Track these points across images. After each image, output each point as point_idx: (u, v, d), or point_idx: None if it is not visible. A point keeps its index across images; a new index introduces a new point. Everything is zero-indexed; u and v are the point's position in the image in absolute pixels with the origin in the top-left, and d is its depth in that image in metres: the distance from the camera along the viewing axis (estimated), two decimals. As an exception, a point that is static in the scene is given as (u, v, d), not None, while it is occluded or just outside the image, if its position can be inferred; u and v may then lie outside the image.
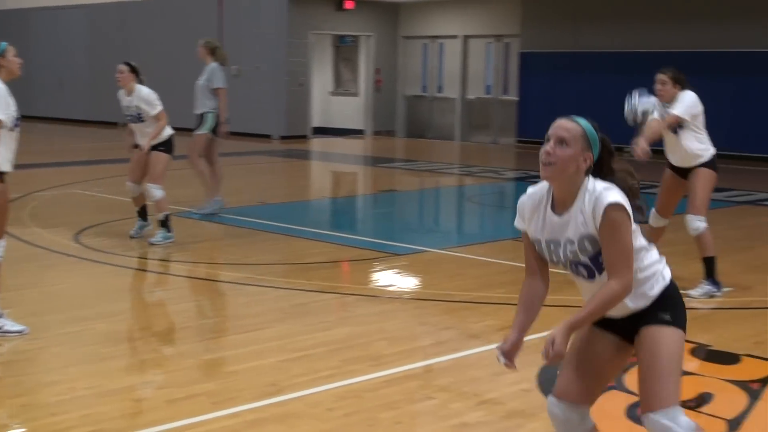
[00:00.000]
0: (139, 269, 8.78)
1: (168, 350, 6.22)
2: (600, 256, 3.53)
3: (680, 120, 7.84)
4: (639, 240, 3.61)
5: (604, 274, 3.54)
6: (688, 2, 19.07)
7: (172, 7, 24.47)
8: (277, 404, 5.18)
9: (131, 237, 9.70)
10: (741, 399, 5.30)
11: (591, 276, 3.61)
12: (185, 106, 25.11)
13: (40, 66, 27.22)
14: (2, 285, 6.51)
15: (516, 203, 3.81)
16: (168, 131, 9.61)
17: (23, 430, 4.89)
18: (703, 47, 18.88)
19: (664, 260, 3.74)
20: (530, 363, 5.90)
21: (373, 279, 8.61)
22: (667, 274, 3.70)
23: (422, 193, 15.56)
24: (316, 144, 22.48)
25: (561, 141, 3.54)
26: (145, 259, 9.07)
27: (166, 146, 9.56)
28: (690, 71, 18.20)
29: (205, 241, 10.05)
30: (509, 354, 3.76)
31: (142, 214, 9.77)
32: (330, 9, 22.97)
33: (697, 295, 7.68)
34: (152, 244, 9.37)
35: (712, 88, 18.83)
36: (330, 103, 25.46)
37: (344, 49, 25.16)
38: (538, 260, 3.75)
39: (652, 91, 8.13)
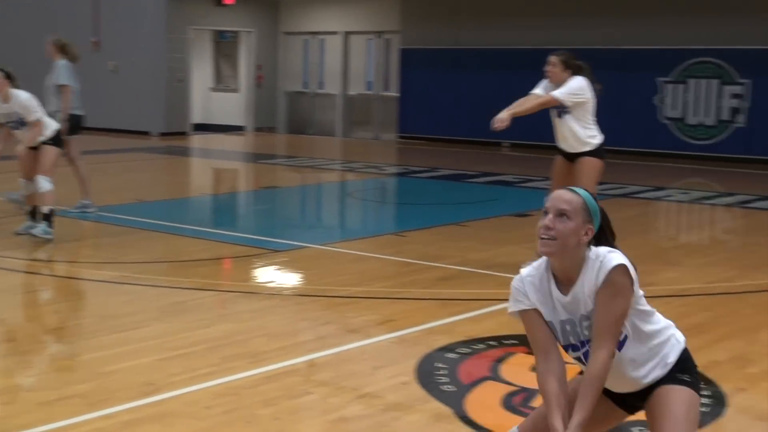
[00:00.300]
0: (13, 270, 8.55)
1: (41, 352, 6.08)
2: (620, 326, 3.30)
3: (557, 101, 7.99)
4: (646, 304, 3.40)
5: (624, 348, 3.34)
6: (559, 3, 19.47)
7: (44, 1, 23.88)
8: (153, 404, 5.11)
9: (17, 233, 9.48)
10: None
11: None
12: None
13: None
14: None
15: (397, 197, 3.83)
16: (54, 125, 9.43)
17: None
18: (582, 44, 19.26)
19: (673, 324, 3.50)
20: (409, 356, 5.98)
21: (253, 276, 8.58)
22: (681, 337, 3.46)
23: (304, 189, 15.56)
24: (197, 140, 22.27)
25: (561, 214, 3.30)
26: (19, 259, 8.83)
27: (54, 140, 9.39)
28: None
29: (81, 239, 9.88)
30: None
31: (33, 214, 9.50)
32: (209, 4, 22.77)
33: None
34: (33, 235, 9.21)
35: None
36: (210, 99, 25.22)
37: (224, 45, 24.96)
38: (548, 337, 3.40)
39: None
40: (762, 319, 7.02)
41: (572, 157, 8.27)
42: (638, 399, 3.44)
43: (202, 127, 24.07)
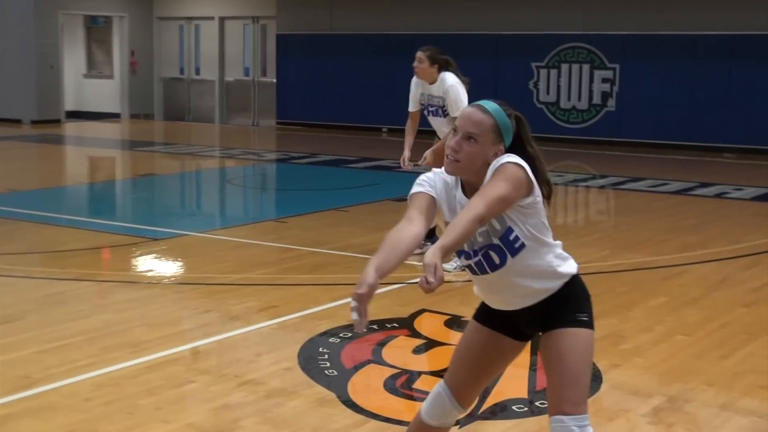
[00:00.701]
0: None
1: None
2: (511, 233, 3.29)
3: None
4: (544, 217, 3.36)
5: (518, 256, 3.31)
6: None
7: None
8: (30, 397, 5.01)
9: None
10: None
11: (503, 261, 3.32)
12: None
13: None
14: None
15: (277, 184, 3.89)
16: None
17: None
18: (456, 30, 19.51)
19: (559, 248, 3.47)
20: (291, 342, 6.00)
21: (132, 265, 8.45)
22: (575, 264, 3.48)
23: (182, 176, 15.38)
24: (70, 128, 21.75)
25: (469, 136, 3.26)
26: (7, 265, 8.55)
27: None
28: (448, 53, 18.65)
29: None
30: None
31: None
32: (79, -11, 22.32)
33: (451, 268, 7.90)
34: None
35: (467, 69, 19.59)
36: (84, 85, 24.69)
37: (97, 30, 24.45)
38: (422, 215, 3.33)
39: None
40: (634, 297, 7.26)
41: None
42: (532, 326, 3.47)
43: (76, 115, 23.59)
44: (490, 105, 3.32)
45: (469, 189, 3.32)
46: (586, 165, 15.97)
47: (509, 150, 3.30)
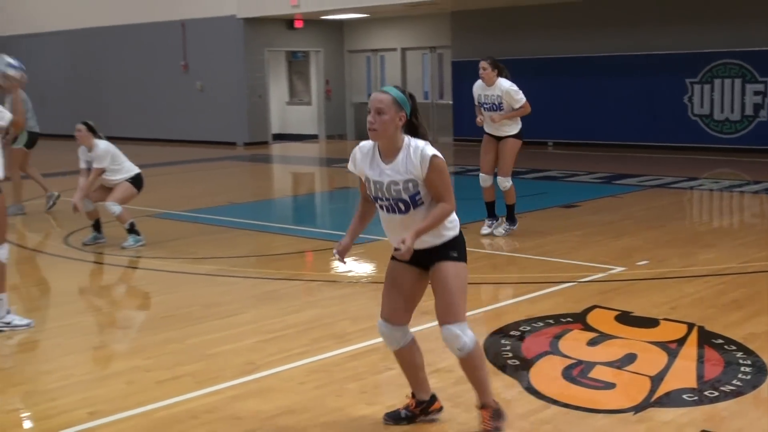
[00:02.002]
0: (122, 266, 8.69)
1: (154, 337, 6.14)
2: (417, 195, 4.08)
3: (528, 109, 9.42)
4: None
5: (417, 210, 4.10)
6: (596, 13, 19.25)
7: (141, 31, 24.20)
8: (254, 381, 5.16)
9: (85, 244, 9.44)
10: (662, 358, 5.37)
11: (407, 210, 4.12)
12: (155, 118, 24.97)
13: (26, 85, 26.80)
14: (6, 284, 6.40)
15: (455, 193, 3.99)
16: (135, 170, 9.45)
17: (26, 414, 4.83)
18: (617, 51, 19.11)
19: (457, 218, 4.22)
20: (478, 334, 5.92)
21: (333, 266, 8.59)
22: (458, 223, 4.21)
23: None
24: (276, 149, 22.38)
25: (379, 111, 4.05)
26: (127, 257, 8.97)
27: (134, 180, 9.41)
28: (600, 72, 18.41)
29: (179, 238, 9.92)
30: (342, 253, 4.40)
31: (97, 226, 9.47)
32: (282, 28, 22.87)
33: (501, 232, 9.40)
34: (123, 248, 9.19)
35: (624, 87, 19.15)
36: (286, 111, 25.36)
37: (297, 64, 25.06)
38: (362, 188, 4.37)
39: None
40: (793, 294, 6.89)
41: (499, 139, 9.50)
42: (426, 261, 4.20)
43: (281, 137, 24.21)
44: (388, 87, 4.15)
45: (384, 152, 4.15)
46: (740, 172, 15.27)
47: (412, 116, 4.13)
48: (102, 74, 25.47)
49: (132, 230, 9.28)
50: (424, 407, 4.46)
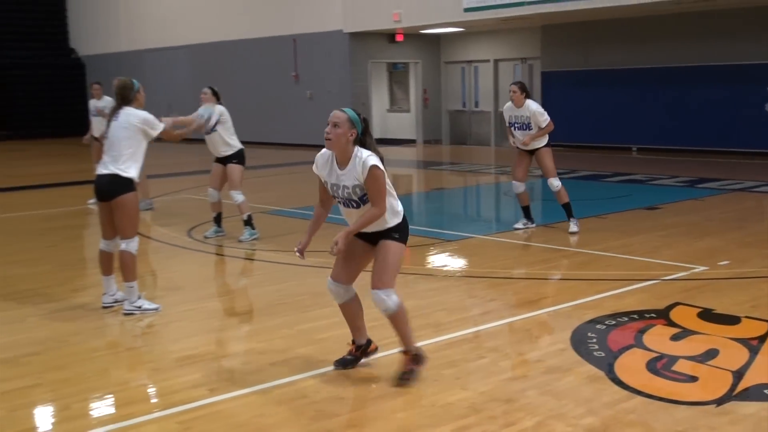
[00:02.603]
0: (239, 258, 8.85)
1: (267, 323, 6.24)
2: (365, 197, 4.68)
3: (551, 126, 9.55)
4: (392, 190, 4.75)
5: (365, 206, 4.69)
6: (677, 26, 18.76)
7: (257, 45, 24.63)
8: (359, 364, 5.18)
9: (206, 237, 9.61)
10: (743, 353, 5.21)
11: (358, 207, 4.74)
12: (269, 123, 25.39)
13: (152, 93, 27.59)
14: (137, 273, 6.60)
15: (543, 195, 4.00)
16: (238, 145, 9.54)
17: (154, 389, 4.96)
18: (697, 62, 18.61)
19: (400, 204, 4.85)
20: (563, 327, 5.88)
21: (430, 261, 8.59)
22: (402, 212, 4.84)
23: (466, 190, 15.50)
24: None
25: (335, 125, 4.65)
26: (244, 249, 9.14)
27: (238, 158, 9.51)
28: (682, 81, 17.92)
29: (290, 233, 10.04)
30: (302, 251, 5.00)
31: (218, 220, 9.66)
32: (384, 41, 22.96)
33: (574, 228, 9.44)
34: (240, 242, 9.38)
35: (705, 95, 18.62)
36: (387, 118, 25.47)
37: (397, 74, 25.13)
38: (324, 194, 4.94)
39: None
40: None
41: (531, 150, 9.71)
42: (374, 240, 4.85)
43: (381, 141, 24.14)
44: (347, 108, 4.76)
45: (339, 161, 4.74)
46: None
47: (363, 134, 4.72)
48: (221, 84, 25.93)
49: (248, 222, 9.43)
50: (363, 349, 5.11)
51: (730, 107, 18.19)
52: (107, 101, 12.08)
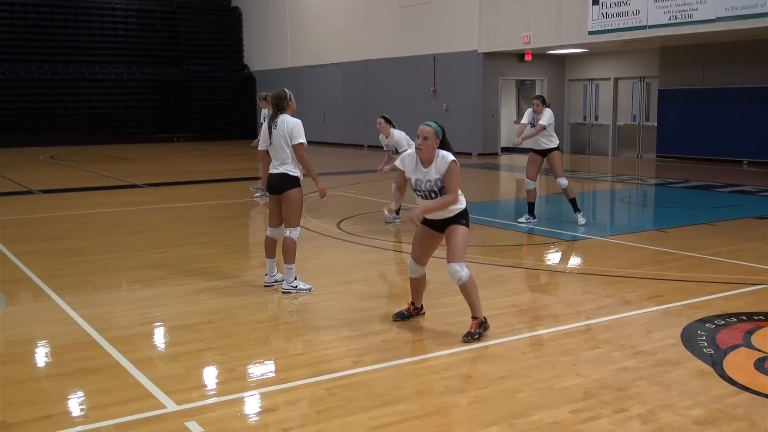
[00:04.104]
0: (380, 248, 8.93)
1: (405, 306, 6.26)
2: (443, 188, 5.21)
3: (544, 127, 10.04)
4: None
5: (442, 195, 5.22)
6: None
7: (400, 63, 24.80)
8: (483, 348, 5.15)
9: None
10: None
11: (436, 196, 5.25)
12: (409, 131, 25.40)
13: (311, 104, 28.27)
14: (295, 257, 6.76)
15: (657, 202, 3.85)
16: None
17: (307, 358, 5.06)
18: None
19: (463, 197, 5.34)
20: (674, 324, 5.64)
21: (549, 258, 8.43)
22: (464, 202, 5.35)
23: (584, 195, 15.09)
24: (504, 159, 22.22)
25: (425, 138, 5.25)
26: (385, 240, 9.21)
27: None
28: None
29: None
30: (391, 211, 5.45)
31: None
32: (514, 61, 22.66)
33: (582, 221, 10.06)
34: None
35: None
36: (514, 129, 25.07)
37: (524, 90, 24.73)
38: (401, 181, 5.45)
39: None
40: None
41: (543, 153, 10.13)
42: (442, 227, 5.37)
43: (508, 150, 24.02)
44: (430, 122, 5.37)
45: (424, 162, 5.28)
46: None
47: (443, 139, 5.33)
48: (369, 97, 26.35)
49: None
50: (418, 310, 5.76)
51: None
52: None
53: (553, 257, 8.44)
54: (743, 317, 5.74)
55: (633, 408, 4.12)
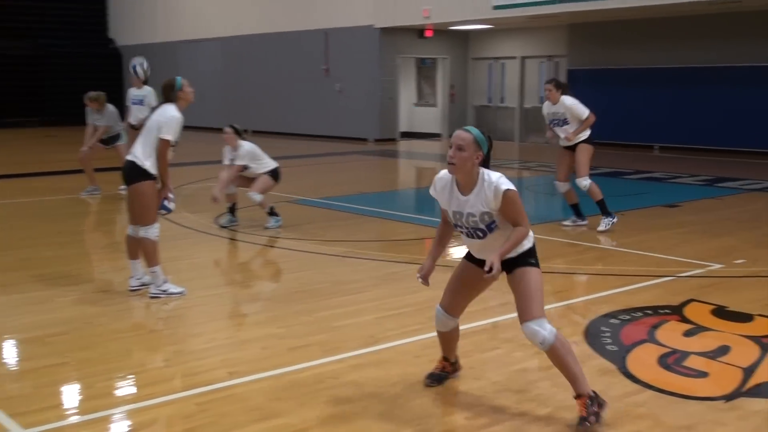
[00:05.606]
0: (263, 245, 8.88)
1: (287, 309, 6.25)
2: (492, 224, 4.11)
3: (594, 118, 9.39)
4: None
5: (493, 234, 4.13)
6: (701, 27, 18.54)
7: (287, 39, 24.67)
8: (374, 352, 5.20)
9: (221, 227, 9.61)
10: (754, 351, 5.15)
11: (484, 236, 4.16)
12: (297, 115, 25.41)
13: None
14: (161, 257, 6.62)
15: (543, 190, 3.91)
16: (272, 164, 9.60)
17: (176, 371, 4.98)
18: (715, 62, 18.41)
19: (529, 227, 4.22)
20: (578, 321, 5.85)
21: (449, 252, 8.55)
22: (533, 238, 4.27)
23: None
24: (403, 145, 22.45)
25: (459, 148, 4.05)
26: (266, 237, 9.16)
27: (273, 174, 9.59)
28: (704, 81, 17.74)
29: (313, 222, 10.05)
30: (425, 276, 4.41)
31: (232, 210, 9.72)
32: (413, 37, 22.91)
33: (602, 228, 9.14)
34: (267, 228, 9.41)
35: (727, 95, 18.38)
36: (414, 112, 25.40)
37: (425, 69, 25.05)
38: (444, 227, 4.41)
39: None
40: None
41: (572, 147, 9.45)
42: (508, 267, 4.19)
43: (408, 135, 24.28)
44: (470, 128, 4.14)
45: (463, 186, 4.15)
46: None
47: (487, 154, 4.12)
48: (251, 76, 26.08)
49: (272, 213, 9.50)
50: (453, 365, 4.70)
51: (751, 108, 17.96)
52: (147, 90, 12.13)
53: (453, 251, 8.56)
54: (649, 311, 6.01)
55: (534, 411, 4.25)
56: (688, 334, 5.52)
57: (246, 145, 9.46)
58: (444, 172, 4.22)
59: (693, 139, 18.99)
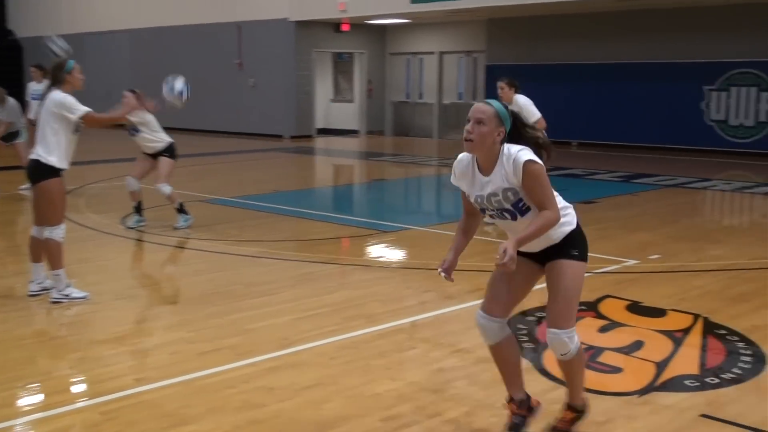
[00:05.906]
0: (174, 246, 8.76)
1: (199, 312, 6.17)
2: (520, 203, 3.62)
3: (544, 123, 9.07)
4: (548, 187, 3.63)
5: (525, 216, 3.65)
6: (621, 23, 19.05)
7: (199, 31, 24.35)
8: (289, 354, 5.18)
9: (129, 228, 9.43)
10: (667, 345, 5.32)
11: (514, 218, 3.69)
12: (210, 111, 25.10)
13: (91, 79, 27.09)
14: (65, 260, 6.47)
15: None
16: (167, 139, 9.46)
17: (80, 378, 4.88)
18: (639, 59, 18.92)
19: (572, 207, 3.82)
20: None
21: (366, 252, 8.62)
22: (575, 218, 3.77)
23: (406, 181, 15.54)
24: (320, 142, 22.44)
25: (479, 121, 3.59)
26: (178, 238, 9.05)
27: (169, 152, 9.46)
28: (623, 78, 18.23)
29: (226, 222, 9.96)
30: (448, 270, 3.86)
31: (138, 209, 9.51)
32: (329, 31, 22.89)
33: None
34: (176, 229, 9.29)
35: (645, 92, 18.93)
36: (330, 108, 25.39)
37: (342, 64, 25.07)
38: (469, 204, 3.85)
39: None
40: (796, 290, 6.78)
41: None
42: (544, 258, 3.74)
43: (324, 131, 24.27)
44: (491, 101, 3.69)
45: (483, 167, 3.68)
46: (751, 174, 15.03)
47: (511, 132, 3.66)
48: (162, 70, 25.59)
49: (181, 210, 9.37)
50: (526, 405, 3.97)
51: (668, 104, 18.55)
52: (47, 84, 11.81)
53: (371, 250, 8.62)
54: (565, 308, 6.14)
55: (450, 410, 4.31)
56: (603, 330, 5.67)
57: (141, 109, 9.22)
58: (462, 155, 3.75)
59: (611, 136, 19.51)
